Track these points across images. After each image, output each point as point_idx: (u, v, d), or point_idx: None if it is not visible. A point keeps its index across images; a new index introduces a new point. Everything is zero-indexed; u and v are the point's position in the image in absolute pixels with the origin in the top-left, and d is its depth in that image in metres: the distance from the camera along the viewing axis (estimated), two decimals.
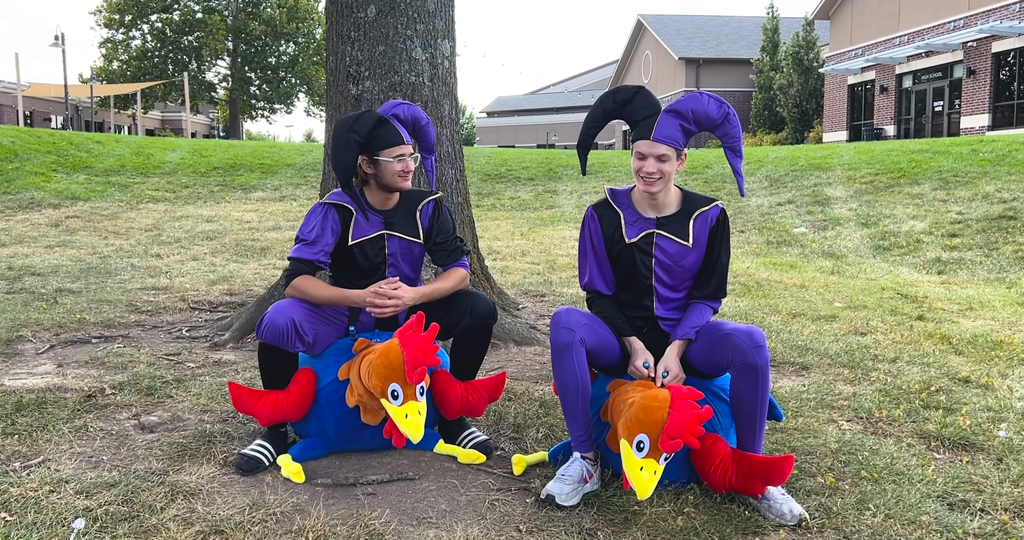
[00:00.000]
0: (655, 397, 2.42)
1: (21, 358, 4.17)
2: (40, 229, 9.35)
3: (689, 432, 2.34)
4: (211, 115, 55.77)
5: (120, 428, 3.15)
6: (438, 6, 4.54)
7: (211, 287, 6.22)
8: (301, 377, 2.88)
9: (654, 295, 2.79)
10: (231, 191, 13.15)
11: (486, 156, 17.07)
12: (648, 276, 2.77)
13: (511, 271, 7.10)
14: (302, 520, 2.40)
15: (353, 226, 3.01)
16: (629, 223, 2.77)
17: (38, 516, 2.36)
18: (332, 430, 2.89)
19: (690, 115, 2.67)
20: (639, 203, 2.79)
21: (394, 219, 3.07)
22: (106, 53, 41.87)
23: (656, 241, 2.76)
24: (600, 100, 2.79)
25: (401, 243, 3.07)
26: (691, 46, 37.47)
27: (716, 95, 2.72)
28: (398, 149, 2.95)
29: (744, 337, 2.54)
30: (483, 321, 2.97)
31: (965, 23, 22.90)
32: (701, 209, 2.78)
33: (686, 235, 2.76)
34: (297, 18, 42.03)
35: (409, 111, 3.11)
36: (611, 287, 2.84)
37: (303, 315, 2.82)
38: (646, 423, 2.40)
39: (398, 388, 2.62)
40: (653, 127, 2.64)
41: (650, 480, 2.37)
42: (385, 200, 3.06)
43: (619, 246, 2.78)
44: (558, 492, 2.53)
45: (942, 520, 2.49)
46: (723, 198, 12.33)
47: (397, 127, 2.98)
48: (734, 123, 2.72)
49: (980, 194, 10.28)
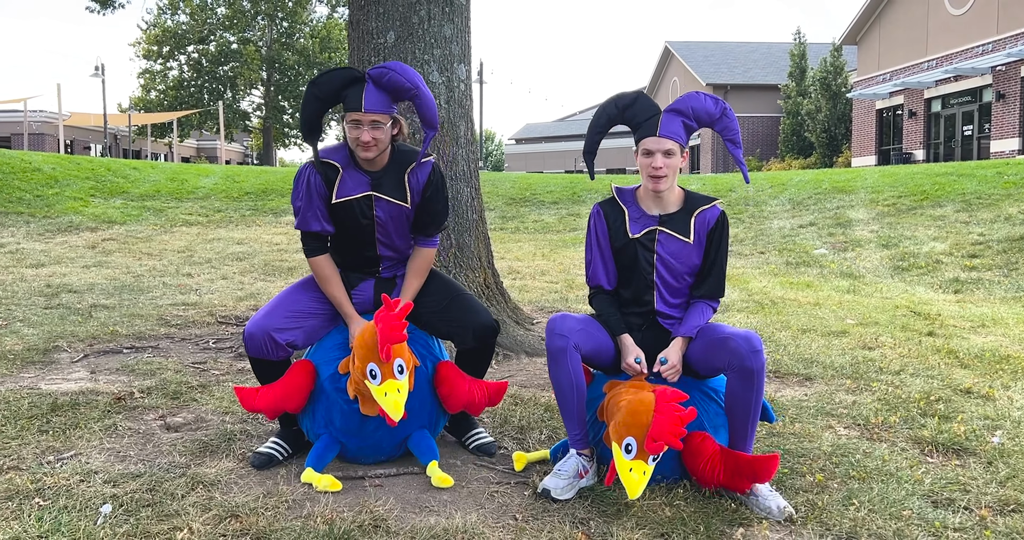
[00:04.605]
0: (641, 401, 2.55)
1: (57, 366, 4.40)
2: (78, 251, 9.69)
3: (671, 434, 2.45)
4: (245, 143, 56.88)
5: (147, 428, 3.35)
6: (454, 32, 4.76)
7: (238, 303, 6.45)
8: (296, 367, 2.93)
9: (655, 290, 2.91)
10: (262, 215, 13.48)
11: (512, 181, 17.31)
12: (650, 271, 2.90)
13: (529, 289, 7.26)
14: (312, 506, 2.56)
15: (338, 184, 2.93)
16: (633, 219, 2.92)
17: (69, 501, 2.55)
18: (338, 419, 2.91)
19: (690, 112, 2.84)
20: (643, 201, 2.94)
21: (382, 180, 2.97)
22: (144, 83, 43.04)
23: (658, 237, 2.89)
24: (603, 107, 2.94)
25: (389, 206, 2.98)
26: (719, 72, 37.64)
27: (712, 93, 2.89)
28: (352, 115, 2.83)
29: (742, 341, 2.66)
30: (485, 341, 3.01)
31: (994, 47, 22.85)
32: (702, 208, 2.91)
33: (687, 232, 2.89)
34: (330, 48, 42.92)
35: (388, 77, 2.83)
36: (613, 282, 2.96)
37: (279, 322, 2.87)
38: (633, 426, 2.52)
39: (375, 367, 2.70)
40: (657, 125, 2.81)
41: (639, 480, 2.48)
42: (369, 161, 2.95)
43: (622, 241, 2.91)
44: (553, 487, 2.67)
45: (924, 515, 2.59)
46: (746, 221, 12.41)
47: (367, 91, 2.83)
48: (731, 117, 2.89)
49: (1003, 216, 10.27)
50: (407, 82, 2.85)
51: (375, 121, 2.84)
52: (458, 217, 4.76)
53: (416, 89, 2.86)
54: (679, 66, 39.79)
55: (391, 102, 2.90)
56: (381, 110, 2.85)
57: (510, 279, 7.85)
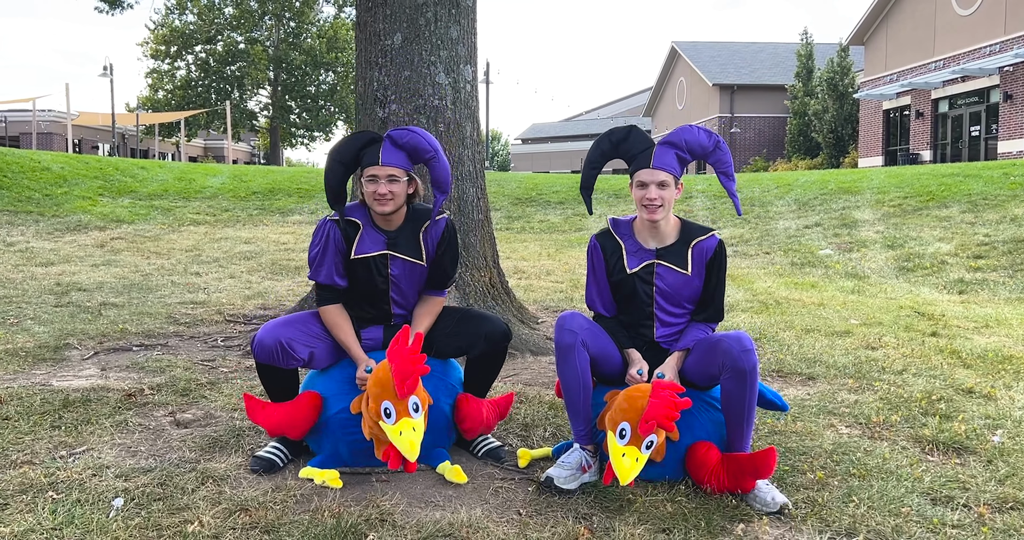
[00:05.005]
0: (638, 388, 2.61)
1: (68, 363, 4.46)
2: (87, 249, 9.77)
3: (665, 416, 2.50)
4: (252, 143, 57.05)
5: (157, 424, 3.40)
6: (460, 34, 4.81)
7: (246, 302, 6.51)
8: (303, 400, 2.93)
9: (654, 320, 2.96)
10: (269, 214, 13.56)
11: (518, 181, 17.36)
12: (649, 303, 2.94)
13: (535, 289, 7.31)
14: (319, 501, 2.61)
15: (358, 241, 3.00)
16: (630, 253, 2.95)
17: (82, 495, 2.61)
18: (346, 453, 2.92)
19: (684, 145, 2.88)
20: (640, 233, 2.96)
21: (398, 240, 3.03)
22: (152, 83, 43.22)
23: (656, 270, 2.92)
24: (596, 143, 2.98)
25: (404, 264, 3.04)
26: (725, 72, 37.63)
27: (705, 127, 2.92)
28: (370, 169, 2.91)
29: (733, 342, 2.69)
30: (497, 346, 3.02)
31: (1002, 48, 22.80)
32: (699, 238, 2.94)
33: (685, 264, 2.92)
34: (336, 48, 43.04)
35: (408, 138, 2.95)
36: (611, 311, 3.02)
37: (294, 334, 2.89)
38: (628, 411, 2.57)
39: (390, 406, 2.64)
40: (651, 157, 2.85)
41: (631, 466, 2.52)
42: (386, 220, 3.01)
43: (620, 275, 2.95)
44: (557, 475, 2.72)
45: (923, 512, 2.62)
46: (751, 221, 12.44)
47: (385, 148, 2.92)
48: (724, 150, 2.92)
49: (1009, 217, 10.28)
50: (427, 144, 2.95)
51: (392, 175, 2.91)
52: (464, 217, 4.80)
53: (435, 152, 2.96)
54: (686, 66, 39.78)
55: (408, 160, 2.97)
56: (398, 164, 2.93)
57: (515, 279, 7.90)
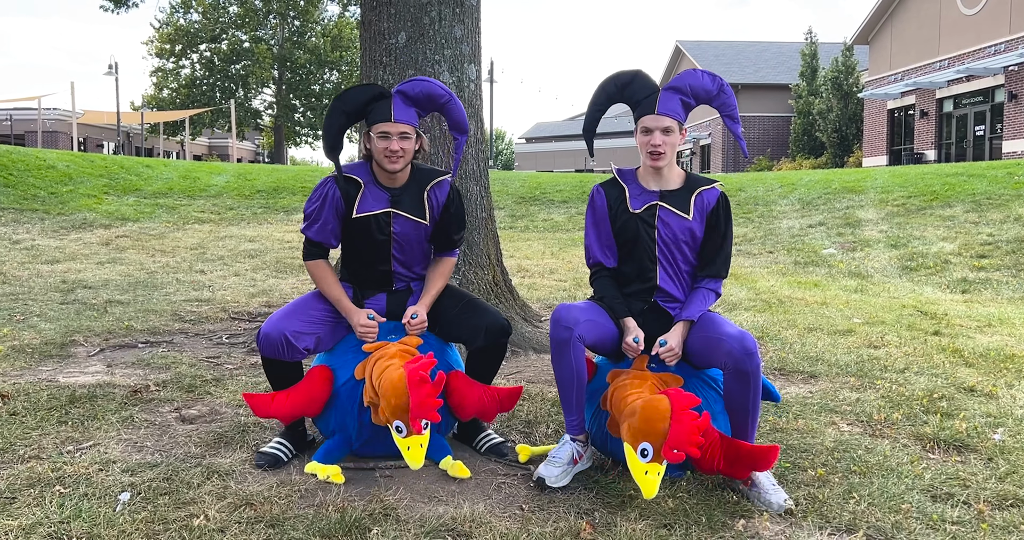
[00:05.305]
0: (655, 408, 2.52)
1: (74, 359, 4.49)
2: (92, 247, 9.81)
3: (690, 443, 2.46)
4: (257, 141, 57.14)
5: (163, 420, 3.43)
6: (465, 33, 4.83)
7: (251, 299, 6.54)
8: (315, 373, 2.96)
9: (658, 265, 2.93)
10: (273, 213, 13.59)
11: (521, 180, 17.37)
12: (652, 246, 2.93)
13: (538, 287, 7.33)
14: (324, 495, 2.64)
15: (359, 199, 2.98)
16: (634, 196, 2.95)
17: (89, 489, 2.63)
18: (352, 426, 2.96)
19: (688, 89, 2.89)
20: (643, 178, 2.98)
21: (401, 197, 3.02)
22: (157, 82, 43.29)
23: (659, 213, 2.92)
24: (602, 85, 2.98)
25: (407, 223, 3.04)
26: (729, 71, 37.59)
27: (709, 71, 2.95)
28: (381, 126, 2.88)
29: (736, 344, 2.67)
30: (497, 340, 3.02)
31: (1007, 47, 22.76)
32: (702, 188, 2.96)
33: (687, 209, 2.92)
34: (341, 47, 43.06)
35: (420, 87, 2.95)
36: (614, 258, 2.99)
37: (298, 325, 2.90)
38: (649, 433, 2.52)
39: (402, 425, 2.66)
40: (656, 103, 2.86)
41: (654, 481, 2.50)
42: (391, 177, 2.99)
43: (623, 217, 2.94)
44: (548, 475, 2.73)
45: (923, 509, 2.64)
46: (755, 220, 12.44)
47: (396, 104, 2.91)
48: (728, 93, 2.95)
49: (1012, 216, 10.27)
50: (440, 89, 2.99)
51: (404, 132, 2.92)
52: (468, 216, 4.81)
53: (449, 96, 3.01)
54: (690, 66, 39.76)
55: (417, 115, 2.99)
56: (409, 121, 2.94)
57: (519, 277, 7.92)
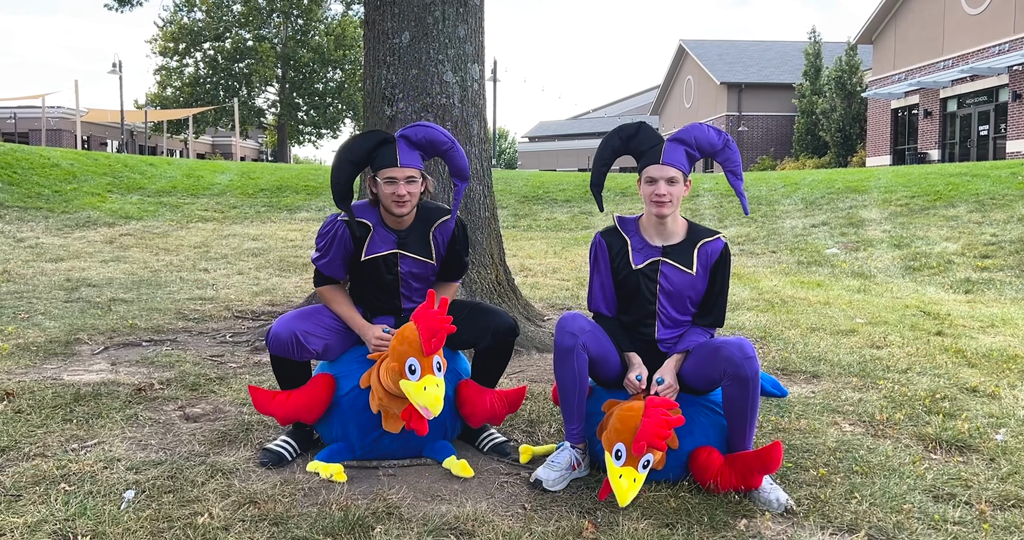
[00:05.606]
0: (631, 408, 2.58)
1: (78, 358, 4.50)
2: (96, 246, 9.83)
3: (658, 436, 2.48)
4: (260, 140, 57.17)
5: (167, 418, 3.44)
6: (468, 32, 4.83)
7: (254, 298, 6.55)
8: (318, 380, 2.97)
9: (656, 319, 2.94)
10: (277, 212, 13.61)
11: (524, 179, 17.37)
12: (652, 301, 2.92)
13: (541, 286, 7.34)
14: (327, 494, 2.65)
15: (368, 242, 3.04)
16: (636, 250, 2.94)
17: (94, 487, 2.65)
18: (355, 435, 2.96)
19: (693, 142, 2.88)
20: (646, 231, 2.96)
21: (408, 239, 3.07)
22: (160, 80, 43.31)
23: (661, 269, 2.91)
24: (606, 140, 2.98)
25: (414, 263, 3.09)
26: (733, 71, 37.56)
27: (715, 126, 2.93)
28: (388, 171, 2.92)
29: (735, 349, 2.68)
30: (504, 339, 3.05)
31: (1011, 47, 22.72)
32: (705, 240, 2.94)
33: (690, 264, 2.91)
34: (344, 45, 43.07)
35: (423, 133, 2.99)
36: (612, 310, 3.01)
37: (309, 327, 2.94)
38: (622, 431, 2.56)
39: (415, 362, 2.67)
40: (660, 153, 2.85)
41: (629, 487, 2.51)
42: (397, 220, 3.04)
43: (625, 271, 2.93)
44: (545, 477, 2.74)
45: (925, 509, 2.64)
46: (758, 220, 12.44)
47: (400, 149, 2.95)
48: (733, 148, 2.93)
49: (1016, 216, 10.27)
50: (443, 136, 3.01)
51: (410, 176, 2.95)
52: (471, 215, 4.83)
53: (452, 143, 3.03)
54: (693, 65, 39.72)
55: (421, 159, 3.02)
56: (415, 165, 2.97)
57: (522, 276, 7.93)
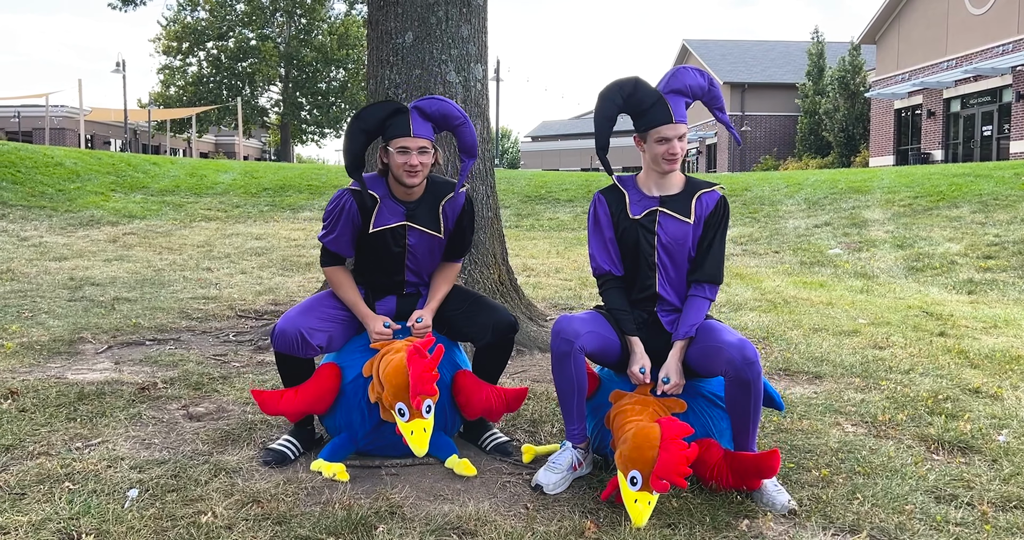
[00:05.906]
0: (646, 436, 2.53)
1: (82, 356, 4.52)
2: (99, 244, 9.85)
3: (676, 473, 2.47)
4: (263, 139, 57.23)
5: (170, 417, 3.45)
6: (471, 33, 4.84)
7: (257, 297, 6.57)
8: (324, 370, 2.99)
9: (656, 272, 2.92)
10: (280, 211, 13.62)
11: (527, 178, 17.37)
12: (651, 253, 2.91)
13: (543, 286, 7.34)
14: (330, 493, 2.66)
15: (376, 214, 3.04)
16: (634, 202, 2.95)
17: (97, 485, 2.66)
18: (358, 423, 2.98)
19: (688, 90, 2.92)
20: (644, 184, 2.98)
21: (416, 211, 3.07)
22: (164, 79, 43.38)
23: (659, 219, 2.91)
24: (607, 99, 2.91)
25: (422, 236, 3.10)
26: (736, 71, 37.56)
27: (694, 67, 2.98)
28: (401, 141, 2.92)
29: (736, 353, 2.65)
30: (504, 337, 3.05)
31: (1014, 47, 22.70)
32: (703, 191, 2.95)
33: (688, 213, 2.91)
34: (347, 45, 43.11)
35: (437, 106, 3.00)
36: (620, 267, 2.97)
37: (314, 322, 2.95)
38: (638, 461, 2.53)
39: (404, 407, 2.73)
40: (668, 111, 2.84)
41: (644, 510, 2.50)
42: (406, 191, 3.04)
43: (624, 224, 2.93)
44: (546, 482, 2.73)
45: (926, 510, 2.64)
46: (761, 220, 12.44)
47: (413, 120, 2.95)
48: (716, 85, 3.01)
49: (1019, 217, 10.26)
50: (456, 111, 3.03)
51: (423, 147, 2.95)
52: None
53: (464, 118, 3.05)
54: (697, 65, 39.73)
55: (433, 131, 3.02)
56: (427, 136, 2.98)
57: (524, 276, 7.93)
